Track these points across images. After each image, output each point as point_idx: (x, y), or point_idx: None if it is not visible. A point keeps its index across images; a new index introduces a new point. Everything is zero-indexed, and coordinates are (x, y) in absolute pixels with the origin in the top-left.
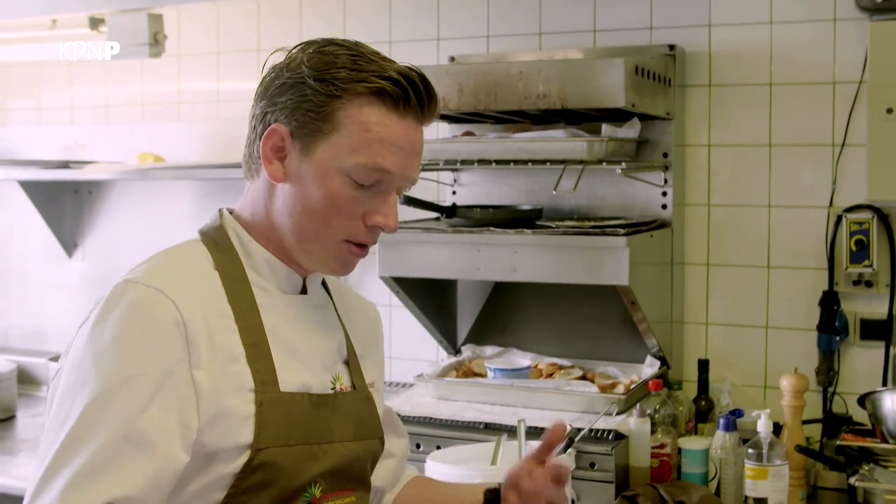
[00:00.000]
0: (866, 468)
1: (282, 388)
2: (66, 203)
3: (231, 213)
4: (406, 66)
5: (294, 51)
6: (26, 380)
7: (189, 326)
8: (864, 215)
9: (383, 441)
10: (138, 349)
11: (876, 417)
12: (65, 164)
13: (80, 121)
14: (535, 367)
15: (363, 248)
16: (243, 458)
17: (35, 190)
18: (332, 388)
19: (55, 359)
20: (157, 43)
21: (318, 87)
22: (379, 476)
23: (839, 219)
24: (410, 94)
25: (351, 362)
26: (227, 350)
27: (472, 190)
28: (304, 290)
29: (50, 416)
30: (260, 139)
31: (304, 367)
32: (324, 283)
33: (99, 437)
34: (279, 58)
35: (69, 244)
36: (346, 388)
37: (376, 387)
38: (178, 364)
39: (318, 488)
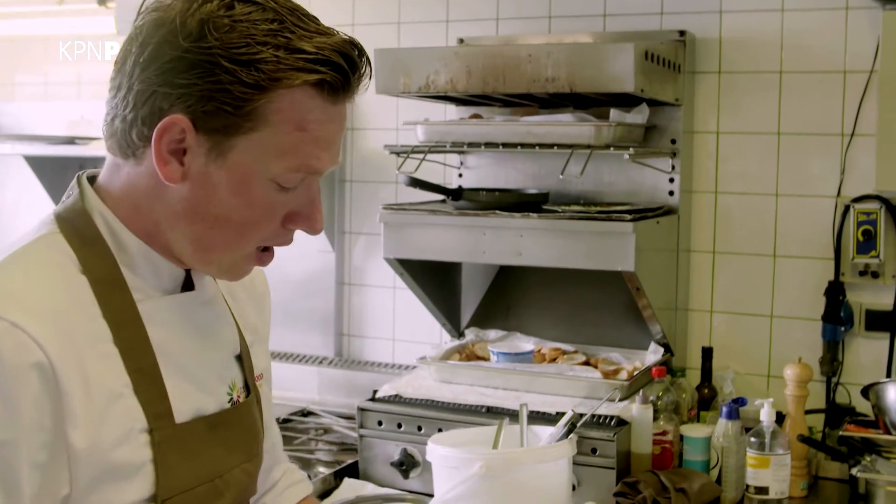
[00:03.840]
0: (868, 459)
1: (177, 418)
2: (71, 178)
3: (92, 184)
4: (342, 39)
5: (185, 0)
6: None
7: (59, 370)
8: (872, 205)
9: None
10: None
11: (879, 408)
12: (71, 140)
13: (87, 96)
14: (539, 351)
15: (271, 251)
16: None
17: (41, 165)
18: (230, 400)
19: None
20: None
21: (238, 75)
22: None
23: (847, 209)
24: (350, 77)
25: (244, 356)
26: (106, 387)
27: (478, 173)
28: (187, 285)
29: None
30: (145, 123)
31: (196, 387)
32: None
33: None
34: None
35: None
36: (242, 391)
37: (265, 377)
38: (44, 419)
39: None
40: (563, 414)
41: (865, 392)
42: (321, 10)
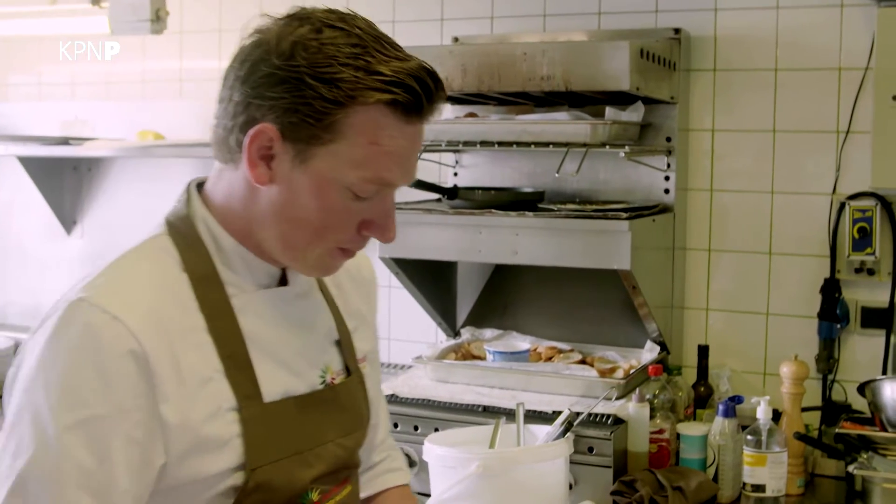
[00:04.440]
0: (865, 456)
1: (265, 399)
2: (65, 180)
3: (201, 189)
4: (418, 64)
5: (282, 25)
6: None
7: (152, 357)
8: (868, 203)
9: (369, 422)
10: (93, 389)
11: (875, 406)
12: (64, 141)
13: (81, 97)
14: (535, 350)
15: (350, 251)
16: (233, 481)
17: (34, 166)
18: (323, 382)
19: None
20: (158, 19)
21: (320, 90)
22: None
23: (842, 206)
24: (423, 100)
25: (343, 342)
26: (197, 371)
27: (474, 172)
28: (283, 279)
29: (3, 436)
30: (241, 130)
31: (286, 371)
32: None
33: (54, 487)
34: (260, 23)
35: (68, 221)
36: (339, 373)
37: (369, 359)
38: (139, 400)
39: (315, 493)
40: (560, 413)
41: (862, 389)
42: (316, 6)
